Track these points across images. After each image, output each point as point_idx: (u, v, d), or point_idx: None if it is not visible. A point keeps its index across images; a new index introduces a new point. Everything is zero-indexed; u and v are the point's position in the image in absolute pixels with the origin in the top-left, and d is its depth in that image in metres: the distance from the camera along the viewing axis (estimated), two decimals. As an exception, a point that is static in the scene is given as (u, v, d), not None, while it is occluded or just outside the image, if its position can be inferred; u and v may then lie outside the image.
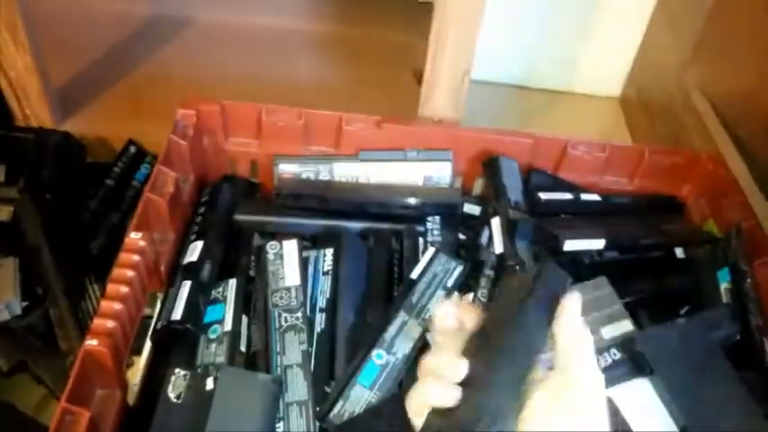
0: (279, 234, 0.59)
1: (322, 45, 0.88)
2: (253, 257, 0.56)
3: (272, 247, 0.54)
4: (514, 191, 0.59)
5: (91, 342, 0.41)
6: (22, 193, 0.57)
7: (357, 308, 0.53)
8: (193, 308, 0.50)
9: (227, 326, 0.50)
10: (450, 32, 0.62)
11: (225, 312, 0.51)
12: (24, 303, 0.52)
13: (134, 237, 0.48)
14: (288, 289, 0.52)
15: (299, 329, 0.49)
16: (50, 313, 0.50)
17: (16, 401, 0.50)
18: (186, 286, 0.51)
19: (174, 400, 0.44)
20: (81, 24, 0.85)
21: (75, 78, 0.77)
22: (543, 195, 0.60)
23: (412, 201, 0.60)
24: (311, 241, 0.61)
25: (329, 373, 0.49)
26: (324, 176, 0.64)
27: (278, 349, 0.48)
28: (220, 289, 0.53)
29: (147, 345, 0.50)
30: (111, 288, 0.45)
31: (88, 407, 0.40)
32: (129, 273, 0.46)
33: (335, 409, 0.45)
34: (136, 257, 0.47)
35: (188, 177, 0.60)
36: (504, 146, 0.63)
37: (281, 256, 0.53)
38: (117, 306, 0.44)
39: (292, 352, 0.48)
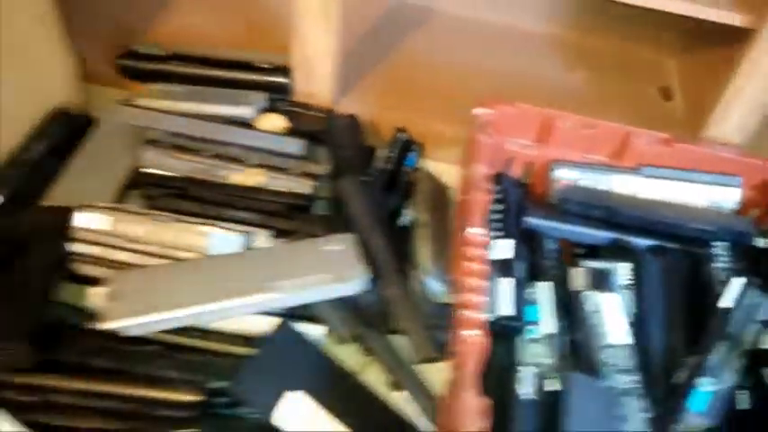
0: (560, 240, 0.60)
1: (565, 51, 0.87)
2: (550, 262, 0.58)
3: (591, 297, 0.53)
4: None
5: (472, 333, 0.44)
6: (343, 174, 0.60)
7: (661, 327, 0.54)
8: (518, 305, 0.51)
9: (548, 328, 0.51)
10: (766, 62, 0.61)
11: (540, 314, 0.53)
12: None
13: (474, 231, 0.51)
14: (617, 347, 0.50)
15: (638, 395, 0.48)
16: (384, 293, 0.53)
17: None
18: (505, 283, 0.53)
19: (526, 396, 0.46)
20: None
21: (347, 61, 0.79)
22: None
23: (703, 224, 0.59)
24: (589, 250, 0.62)
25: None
26: (601, 187, 0.64)
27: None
28: (530, 290, 0.54)
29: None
30: (468, 281, 0.47)
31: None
32: (476, 266, 0.49)
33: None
34: (478, 251, 0.50)
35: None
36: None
37: (602, 310, 0.52)
38: (476, 299, 0.46)
39: (632, 418, 0.47)
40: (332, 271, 0.51)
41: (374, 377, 0.52)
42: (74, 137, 0.65)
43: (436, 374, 0.53)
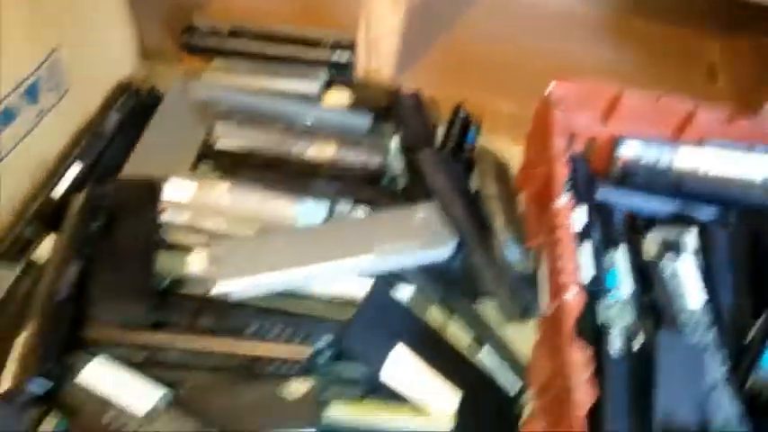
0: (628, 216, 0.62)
1: (614, 34, 0.89)
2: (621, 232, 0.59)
3: (668, 264, 0.55)
4: None
5: (571, 294, 0.45)
6: (416, 148, 0.61)
7: (730, 292, 0.56)
8: (599, 269, 0.53)
9: (627, 291, 0.53)
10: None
11: (619, 279, 0.55)
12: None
13: (562, 201, 0.52)
14: (694, 310, 0.53)
15: (716, 351, 0.50)
16: (468, 260, 0.55)
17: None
18: (585, 248, 0.55)
19: (616, 354, 0.48)
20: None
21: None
22: None
23: (765, 197, 0.61)
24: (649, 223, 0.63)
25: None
26: (664, 162, 0.66)
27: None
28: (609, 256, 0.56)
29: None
30: (561, 247, 0.49)
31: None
32: (567, 233, 0.50)
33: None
34: (567, 220, 0.51)
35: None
36: None
37: (679, 275, 0.54)
38: (571, 263, 0.48)
39: (713, 372, 0.49)
40: (421, 237, 0.52)
41: (456, 338, 0.54)
42: (143, 111, 0.66)
43: (519, 336, 0.55)
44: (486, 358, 0.53)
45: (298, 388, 0.45)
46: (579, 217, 0.57)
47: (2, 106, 0.49)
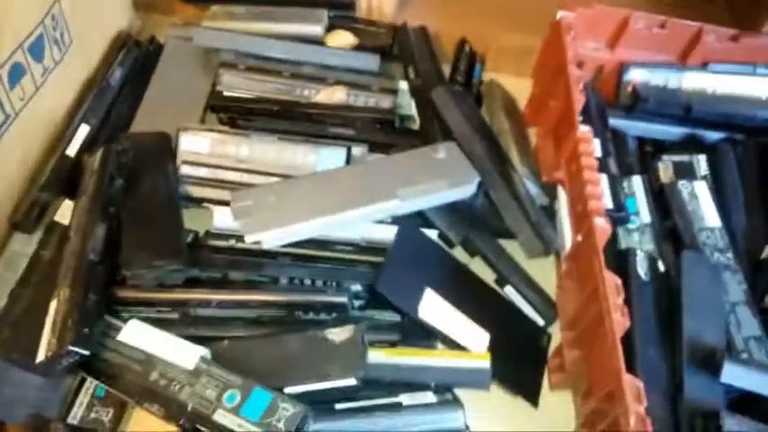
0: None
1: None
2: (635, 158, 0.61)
3: (684, 187, 0.56)
4: None
5: (600, 220, 0.46)
6: (429, 85, 0.60)
7: (742, 211, 0.57)
8: (617, 198, 0.54)
9: (646, 217, 0.55)
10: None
11: (638, 205, 0.56)
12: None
13: (584, 129, 0.52)
14: (712, 230, 0.54)
15: (734, 270, 0.52)
16: (490, 195, 0.55)
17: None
18: (603, 179, 0.55)
19: (643, 278, 0.49)
20: None
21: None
22: None
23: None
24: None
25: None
26: (672, 86, 0.66)
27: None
28: (625, 184, 0.57)
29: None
30: (588, 174, 0.49)
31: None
32: (591, 160, 0.51)
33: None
34: (590, 147, 0.52)
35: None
36: None
37: (696, 197, 0.56)
38: (597, 189, 0.49)
39: (733, 290, 0.51)
40: (445, 177, 0.52)
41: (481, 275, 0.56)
42: (145, 63, 0.64)
43: (539, 271, 0.57)
44: (512, 293, 0.55)
45: (340, 334, 0.45)
46: (596, 146, 0.58)
47: (9, 63, 0.47)
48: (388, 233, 0.53)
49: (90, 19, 0.59)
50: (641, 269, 0.50)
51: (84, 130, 0.55)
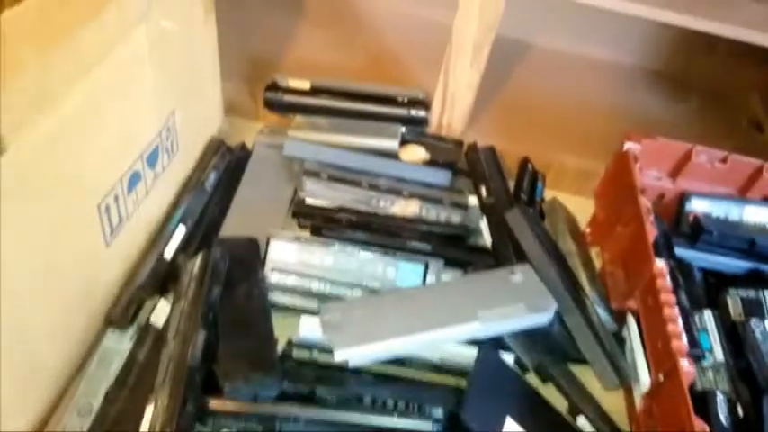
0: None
1: (652, 82, 0.92)
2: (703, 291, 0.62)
3: (756, 325, 0.57)
4: None
5: (685, 361, 0.47)
6: (506, 203, 0.64)
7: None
8: (692, 334, 0.55)
9: (719, 355, 0.55)
10: None
11: (711, 342, 0.57)
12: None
13: (660, 263, 0.54)
14: None
15: None
16: (564, 321, 0.56)
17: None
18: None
19: (723, 423, 0.49)
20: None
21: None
22: None
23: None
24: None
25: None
26: (732, 218, 0.68)
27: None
28: (696, 318, 0.58)
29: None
30: (668, 312, 0.51)
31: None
32: (670, 296, 0.53)
33: None
34: (666, 282, 0.54)
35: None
36: None
37: None
38: (678, 328, 0.50)
39: None
40: (524, 301, 0.54)
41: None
42: (235, 167, 0.68)
43: (615, 402, 0.57)
44: (585, 425, 0.55)
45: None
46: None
47: (130, 172, 0.51)
48: (465, 354, 0.54)
49: (194, 127, 0.64)
50: (722, 413, 0.50)
51: (181, 231, 0.58)
